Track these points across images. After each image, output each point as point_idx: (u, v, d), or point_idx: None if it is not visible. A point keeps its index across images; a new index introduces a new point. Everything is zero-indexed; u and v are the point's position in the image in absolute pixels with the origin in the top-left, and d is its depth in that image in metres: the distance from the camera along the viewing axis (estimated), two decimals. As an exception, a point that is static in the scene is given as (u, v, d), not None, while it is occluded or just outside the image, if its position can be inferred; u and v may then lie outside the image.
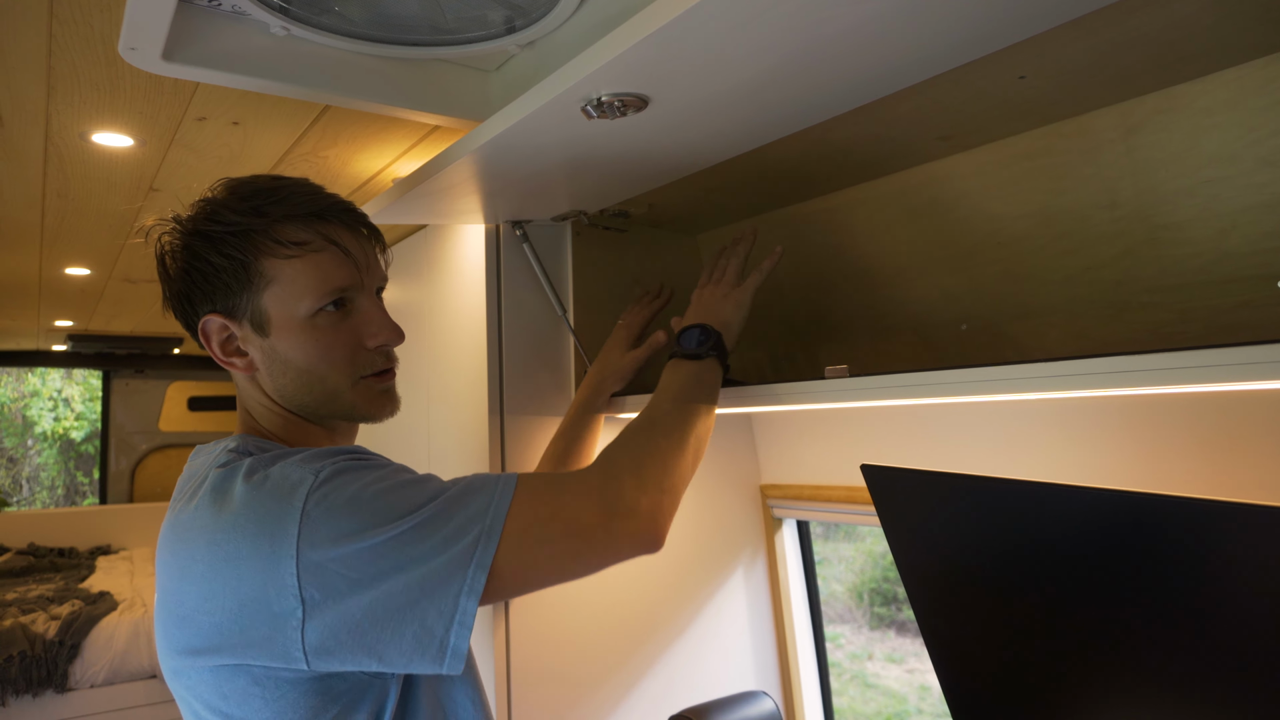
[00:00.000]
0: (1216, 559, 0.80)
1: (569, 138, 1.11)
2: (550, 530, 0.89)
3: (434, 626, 0.80)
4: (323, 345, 0.96)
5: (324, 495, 0.82)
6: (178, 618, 0.84)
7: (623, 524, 0.92)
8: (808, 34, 0.83)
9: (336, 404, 0.99)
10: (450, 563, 0.81)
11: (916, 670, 2.39)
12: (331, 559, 0.79)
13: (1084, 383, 0.85)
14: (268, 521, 0.81)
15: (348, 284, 0.97)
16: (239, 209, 0.95)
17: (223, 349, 0.98)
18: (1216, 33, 0.91)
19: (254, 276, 0.94)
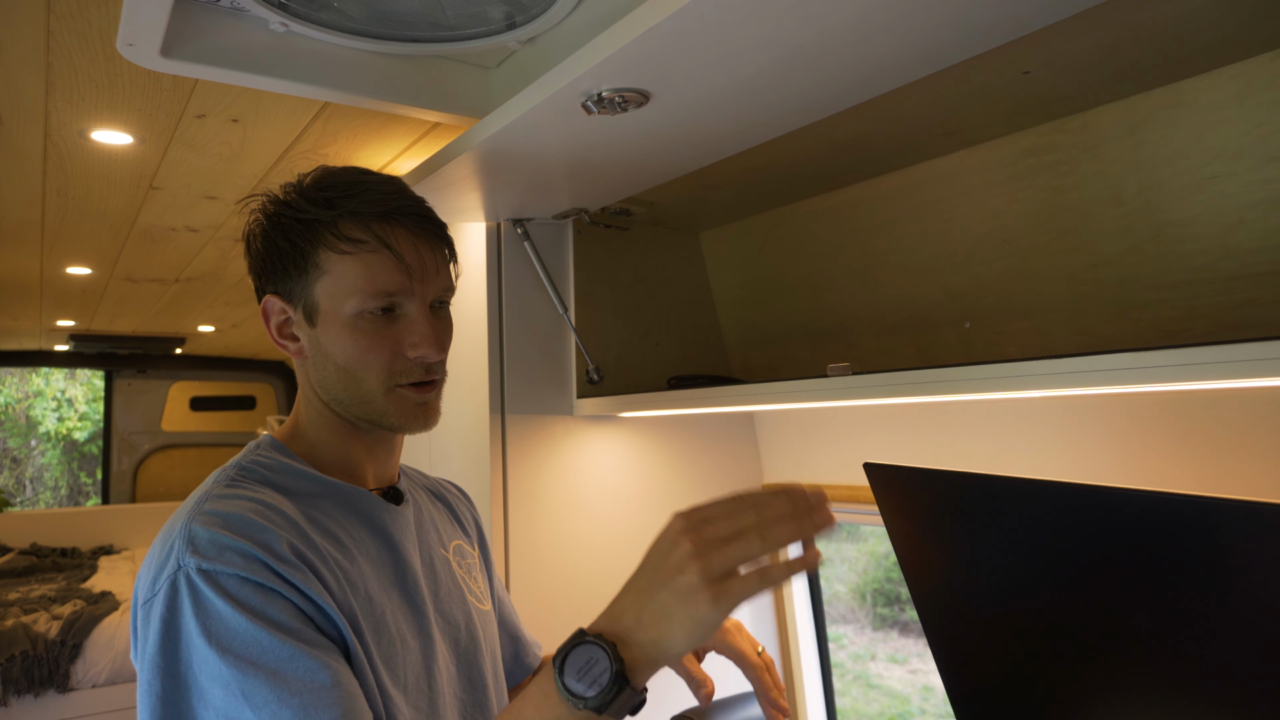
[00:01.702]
0: (1222, 557, 0.79)
1: (569, 134, 1.10)
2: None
3: None
4: (361, 346, 0.95)
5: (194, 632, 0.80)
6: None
7: None
8: (809, 27, 0.82)
9: (369, 407, 0.98)
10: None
11: (919, 671, 2.38)
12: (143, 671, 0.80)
13: (1088, 380, 0.84)
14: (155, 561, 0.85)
15: (395, 290, 0.95)
16: (313, 199, 0.96)
17: (279, 330, 0.99)
18: (1222, 27, 0.91)
19: (310, 266, 0.95)
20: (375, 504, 0.99)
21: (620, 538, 1.74)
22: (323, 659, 0.79)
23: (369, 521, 0.97)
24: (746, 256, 1.74)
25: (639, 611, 0.77)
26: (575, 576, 1.66)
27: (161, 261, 3.04)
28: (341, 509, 0.96)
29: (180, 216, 2.44)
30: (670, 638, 0.75)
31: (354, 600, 0.88)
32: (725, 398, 1.27)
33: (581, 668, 0.77)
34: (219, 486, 0.89)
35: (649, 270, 1.73)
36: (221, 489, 0.89)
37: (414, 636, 0.96)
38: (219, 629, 0.78)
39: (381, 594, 0.93)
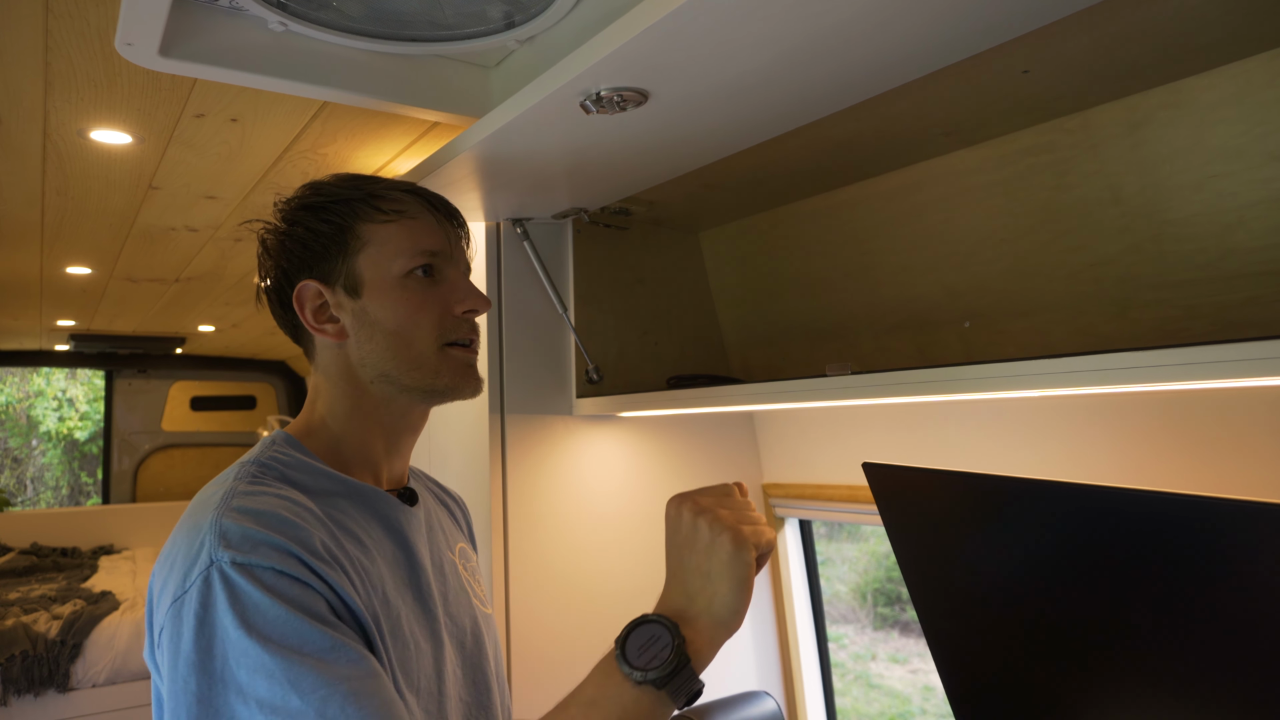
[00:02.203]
0: (1222, 557, 0.78)
1: (568, 133, 1.10)
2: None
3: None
4: (412, 305, 0.98)
5: (226, 627, 0.78)
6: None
7: None
8: (807, 26, 0.82)
9: (422, 371, 0.99)
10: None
11: (920, 671, 2.38)
12: (174, 673, 0.78)
13: (1088, 380, 0.84)
14: (178, 591, 0.81)
15: (438, 248, 1.00)
16: (343, 184, 1.00)
17: (315, 316, 0.99)
18: (1222, 26, 0.90)
19: (350, 240, 0.98)
20: (392, 504, 0.99)
21: (620, 537, 1.73)
22: (361, 650, 0.79)
23: (385, 522, 0.97)
24: (746, 256, 1.74)
25: (684, 587, 0.84)
26: (575, 576, 1.66)
27: (161, 261, 3.04)
28: (359, 508, 0.95)
29: (180, 216, 2.43)
30: (720, 596, 0.81)
31: (375, 601, 0.87)
32: (725, 397, 1.26)
33: (643, 645, 0.81)
34: (243, 483, 0.87)
35: (648, 270, 1.73)
36: (246, 485, 0.87)
37: (426, 640, 0.95)
38: (258, 620, 0.76)
39: (397, 596, 0.93)
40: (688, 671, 0.79)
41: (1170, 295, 1.10)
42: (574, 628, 1.64)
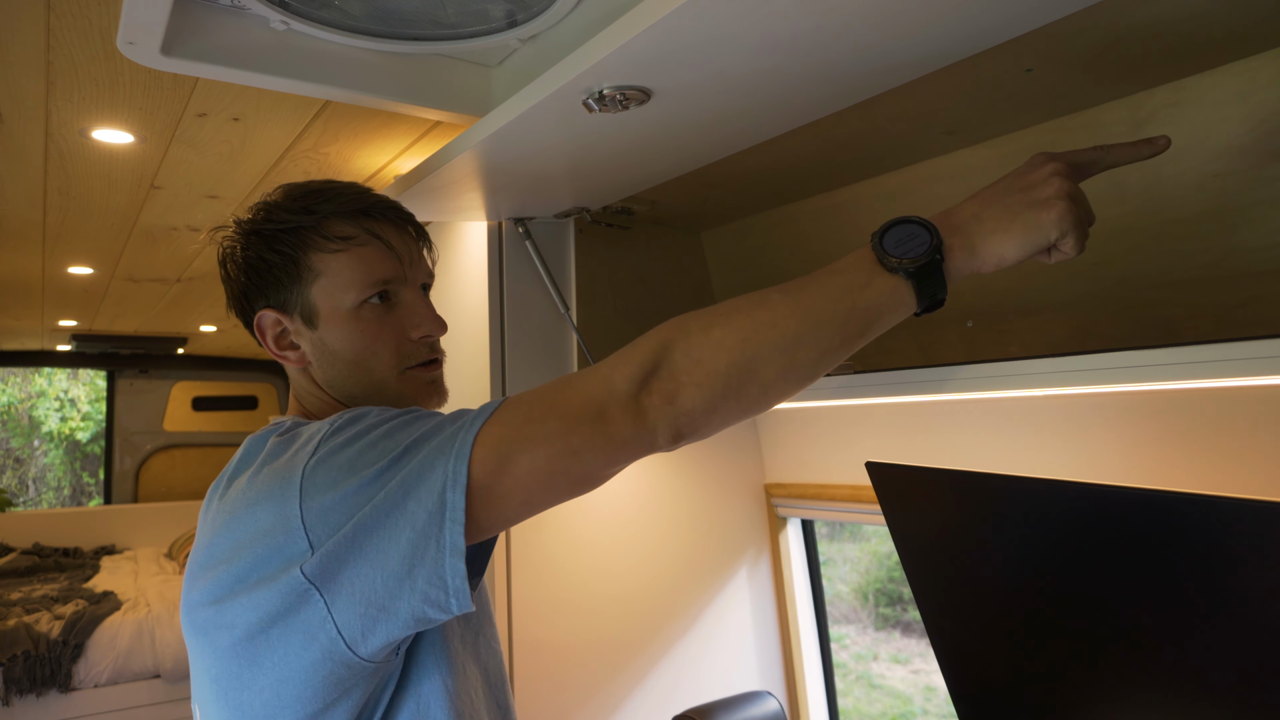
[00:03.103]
0: (1224, 555, 0.78)
1: (570, 132, 1.10)
2: (540, 409, 0.79)
3: (426, 526, 0.75)
4: (368, 336, 0.98)
5: (332, 442, 0.82)
6: (204, 568, 0.84)
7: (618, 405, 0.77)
8: (809, 24, 0.82)
9: (384, 394, 1.01)
10: (429, 456, 0.77)
11: (922, 671, 2.38)
12: (333, 499, 0.78)
13: (1090, 379, 0.84)
14: (282, 469, 0.82)
15: (391, 276, 0.99)
16: (291, 208, 1.00)
17: (276, 343, 1.02)
18: (1225, 24, 0.90)
19: (303, 271, 0.98)
20: None
21: (621, 536, 1.73)
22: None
23: None
24: (748, 255, 1.74)
25: (982, 210, 0.81)
26: (576, 575, 1.66)
27: (163, 261, 3.04)
28: None
29: (182, 216, 2.43)
30: (1004, 237, 0.79)
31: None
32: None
33: (901, 239, 0.80)
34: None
35: (651, 269, 1.73)
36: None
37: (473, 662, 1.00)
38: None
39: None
40: (939, 274, 0.79)
41: (1173, 294, 1.10)
42: (575, 627, 1.64)
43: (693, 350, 0.78)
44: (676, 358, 0.78)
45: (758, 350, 0.77)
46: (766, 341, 0.77)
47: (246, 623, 0.80)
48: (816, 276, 0.81)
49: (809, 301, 0.79)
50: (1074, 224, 0.78)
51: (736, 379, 0.77)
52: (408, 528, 0.75)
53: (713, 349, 0.78)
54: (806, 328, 0.78)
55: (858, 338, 0.80)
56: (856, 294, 0.79)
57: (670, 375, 0.77)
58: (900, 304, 0.80)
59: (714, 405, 0.78)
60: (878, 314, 0.80)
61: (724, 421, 0.80)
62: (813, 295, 0.79)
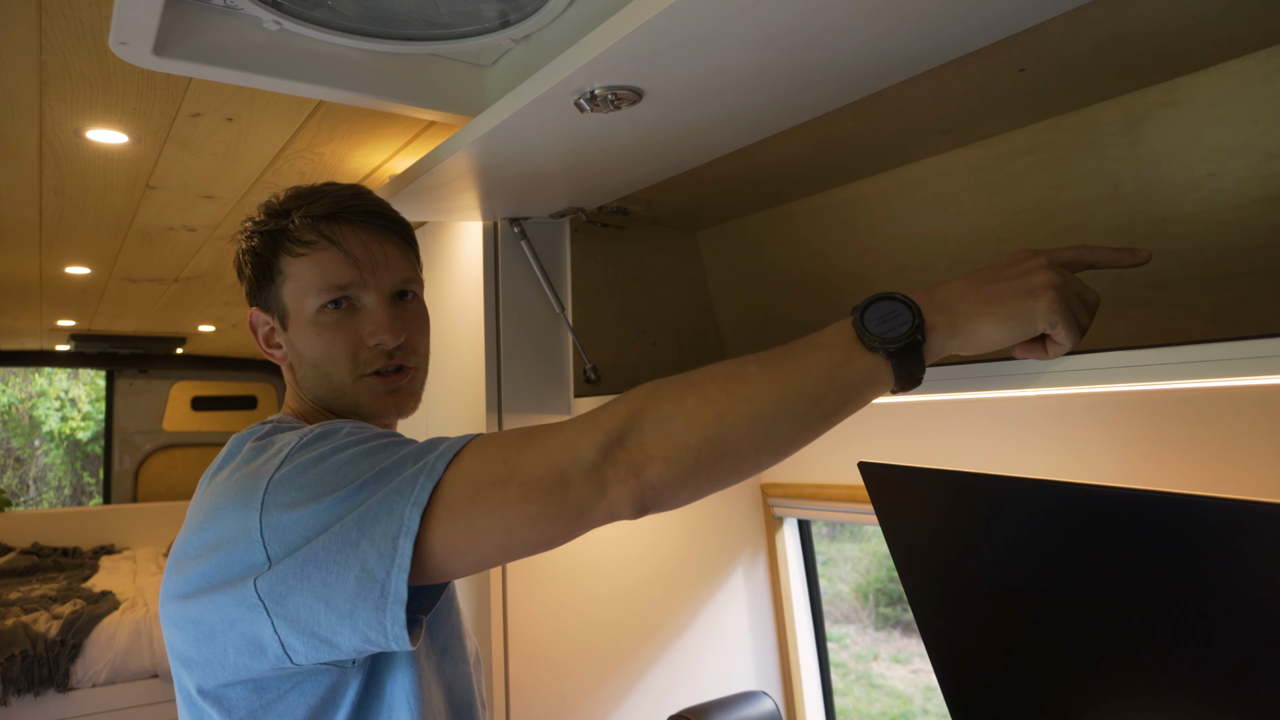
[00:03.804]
0: (1219, 557, 0.78)
1: (563, 132, 1.09)
2: (501, 470, 0.77)
3: (374, 569, 0.75)
4: (325, 340, 1.00)
5: (298, 458, 0.83)
6: (178, 562, 0.86)
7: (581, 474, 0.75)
8: (801, 23, 0.82)
9: (343, 399, 1.03)
10: (387, 498, 0.77)
11: (921, 671, 2.38)
12: (291, 518, 0.79)
13: (1085, 378, 0.84)
14: (250, 476, 0.83)
15: (346, 282, 1.00)
16: (275, 212, 1.03)
17: (265, 340, 1.06)
18: (1221, 24, 0.90)
19: (275, 274, 1.02)
20: None
21: (617, 536, 1.73)
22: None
23: None
24: (744, 255, 1.74)
25: (968, 291, 0.79)
26: (572, 575, 1.66)
27: (160, 261, 3.04)
28: None
29: (178, 216, 2.43)
30: (989, 320, 0.78)
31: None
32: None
33: (883, 317, 0.78)
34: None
35: (646, 269, 1.73)
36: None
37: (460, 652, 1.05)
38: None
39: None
40: (918, 354, 0.78)
41: (1168, 294, 1.10)
42: (571, 627, 1.64)
43: (663, 421, 0.76)
44: (646, 428, 0.76)
45: (731, 425, 0.75)
46: (741, 416, 0.75)
47: (208, 622, 0.82)
48: (795, 349, 0.80)
49: (786, 376, 0.77)
50: (1063, 314, 0.77)
51: (709, 454, 0.75)
52: (356, 566, 0.76)
53: (685, 422, 0.76)
54: (783, 404, 0.76)
55: (833, 415, 0.78)
56: (835, 372, 0.78)
57: (638, 447, 0.75)
58: (879, 382, 0.79)
59: (682, 480, 0.76)
60: (856, 392, 0.78)
61: (692, 495, 0.78)
62: (789, 370, 0.78)
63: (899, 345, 0.76)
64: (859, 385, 0.78)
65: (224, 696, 0.85)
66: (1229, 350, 0.74)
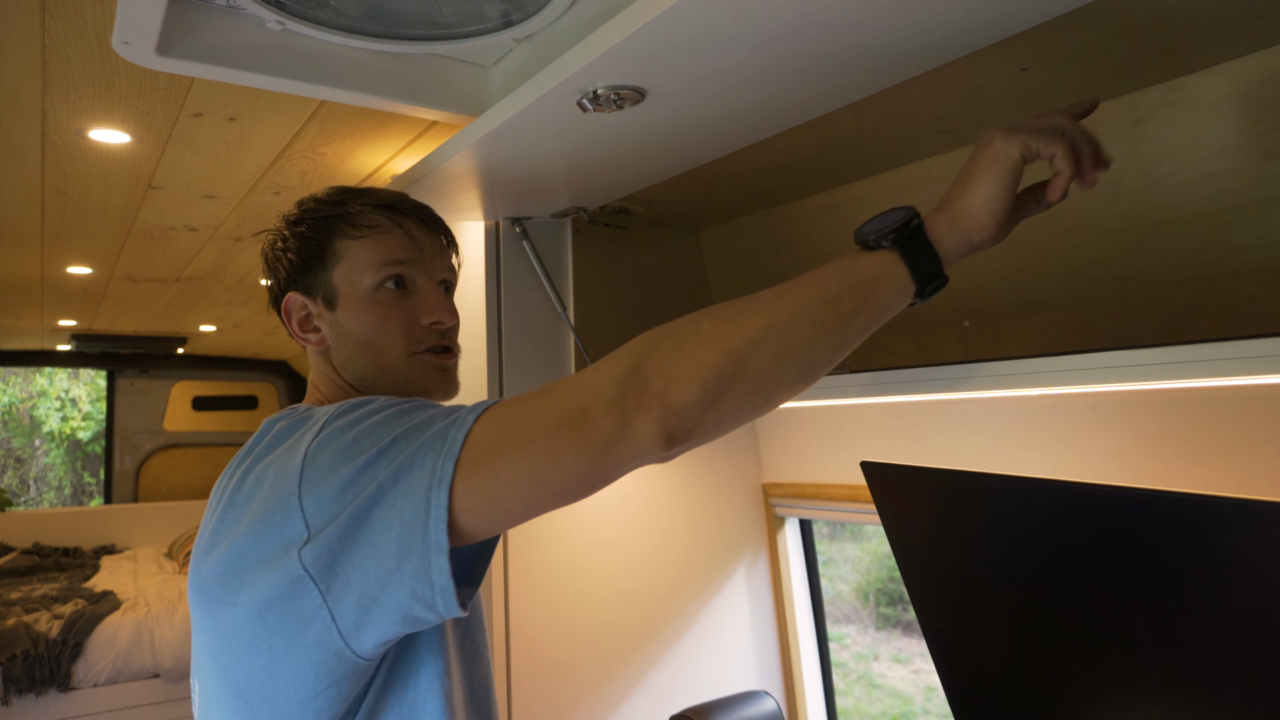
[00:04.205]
0: (1221, 555, 0.78)
1: (566, 132, 1.09)
2: (524, 414, 0.77)
3: (413, 522, 0.75)
4: (380, 317, 1.02)
5: (334, 424, 0.83)
6: (212, 545, 0.86)
7: (601, 407, 0.74)
8: (803, 23, 0.82)
9: (392, 376, 1.04)
10: (419, 451, 0.77)
11: (922, 671, 2.38)
12: (329, 484, 0.78)
13: (1088, 378, 0.84)
14: (287, 451, 0.84)
15: (407, 258, 1.04)
16: (326, 201, 1.06)
17: (300, 325, 1.06)
18: (1222, 23, 0.90)
19: (328, 255, 1.03)
20: None
21: (618, 536, 1.73)
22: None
23: None
24: (746, 254, 1.74)
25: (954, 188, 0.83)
26: (574, 575, 1.66)
27: (162, 261, 3.04)
28: None
29: (179, 216, 2.43)
30: (970, 184, 0.81)
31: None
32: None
33: (876, 222, 0.81)
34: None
35: (648, 269, 1.73)
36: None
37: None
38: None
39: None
40: (923, 241, 0.80)
41: (1169, 294, 1.10)
42: (573, 627, 1.64)
43: (680, 345, 0.75)
44: (663, 354, 0.75)
45: (748, 336, 0.75)
46: (756, 326, 0.75)
47: (247, 602, 0.81)
48: (801, 275, 0.80)
49: (797, 287, 0.78)
50: (1028, 134, 0.79)
51: (730, 368, 0.74)
52: (396, 522, 0.76)
53: (701, 342, 0.75)
54: (797, 309, 0.76)
55: (852, 316, 0.77)
56: (844, 274, 0.79)
57: (658, 371, 0.74)
58: (891, 277, 0.79)
59: (706, 400, 0.74)
60: (870, 290, 0.78)
61: (719, 419, 0.76)
62: (800, 282, 0.79)
63: (897, 232, 0.79)
64: (872, 282, 0.78)
65: (258, 688, 0.83)
66: (1230, 350, 0.75)
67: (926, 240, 0.80)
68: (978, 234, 0.81)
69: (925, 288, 0.80)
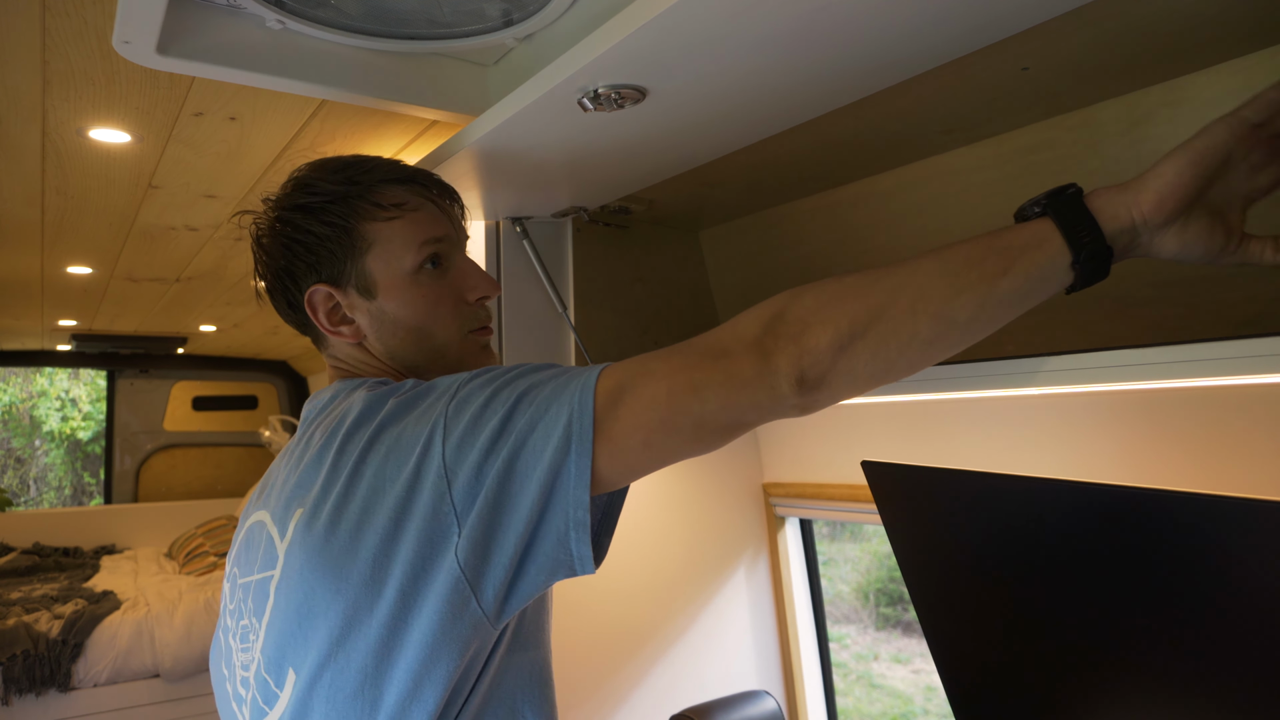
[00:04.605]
0: (1219, 554, 0.78)
1: (566, 131, 1.09)
2: (665, 351, 0.79)
3: (554, 461, 0.75)
4: (430, 300, 0.98)
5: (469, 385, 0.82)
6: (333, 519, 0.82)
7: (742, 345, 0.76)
8: (804, 23, 0.82)
9: (444, 359, 1.01)
10: (557, 388, 0.77)
11: (922, 671, 2.38)
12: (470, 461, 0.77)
13: (1088, 377, 0.84)
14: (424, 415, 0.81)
15: (444, 234, 1.00)
16: (333, 180, 0.98)
17: (329, 318, 0.99)
18: (1222, 23, 0.90)
19: (356, 241, 0.97)
20: None
21: (619, 536, 1.73)
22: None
23: None
24: (746, 254, 1.74)
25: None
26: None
27: (162, 261, 3.04)
28: None
29: (180, 215, 2.43)
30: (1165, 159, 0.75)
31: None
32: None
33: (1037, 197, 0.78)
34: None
35: (649, 268, 1.73)
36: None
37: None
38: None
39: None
40: (1082, 209, 0.75)
41: (1170, 293, 1.10)
42: (574, 626, 1.64)
43: (823, 293, 0.76)
44: (805, 300, 0.76)
45: (888, 286, 0.75)
46: (897, 279, 0.75)
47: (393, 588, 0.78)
48: (957, 244, 0.78)
49: (944, 249, 0.77)
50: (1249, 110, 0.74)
51: (864, 315, 0.74)
52: (536, 483, 0.75)
53: (842, 291, 0.76)
54: (940, 266, 0.75)
55: (998, 276, 0.74)
56: (994, 238, 0.76)
57: (796, 317, 0.75)
58: (1046, 243, 0.75)
59: (840, 343, 0.73)
60: (1019, 252, 0.74)
61: (851, 369, 0.74)
62: (949, 245, 0.77)
63: (1051, 195, 0.76)
64: (1023, 246, 0.75)
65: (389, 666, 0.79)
66: (1230, 350, 0.75)
67: (1084, 206, 0.75)
68: (1144, 207, 0.75)
69: (1082, 255, 0.75)
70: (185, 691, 3.69)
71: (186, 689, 3.69)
